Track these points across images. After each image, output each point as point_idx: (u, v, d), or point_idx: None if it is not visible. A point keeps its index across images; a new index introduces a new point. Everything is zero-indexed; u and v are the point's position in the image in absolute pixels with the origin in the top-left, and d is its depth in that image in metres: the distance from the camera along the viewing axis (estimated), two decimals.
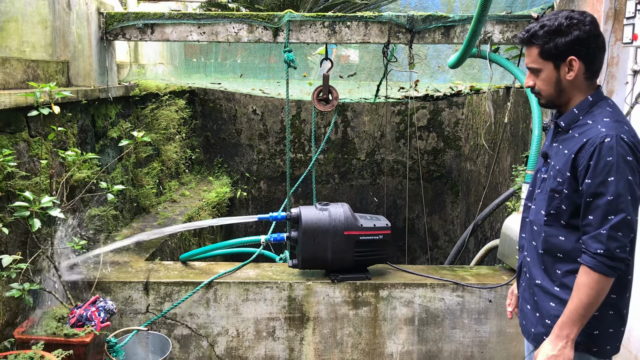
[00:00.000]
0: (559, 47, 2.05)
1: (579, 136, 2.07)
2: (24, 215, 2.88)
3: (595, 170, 1.97)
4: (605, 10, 3.40)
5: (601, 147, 1.97)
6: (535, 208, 2.24)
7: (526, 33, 2.13)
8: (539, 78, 2.15)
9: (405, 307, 3.73)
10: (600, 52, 2.09)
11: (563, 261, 2.13)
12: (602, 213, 1.97)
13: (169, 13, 4.35)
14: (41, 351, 2.90)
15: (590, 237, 1.99)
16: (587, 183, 1.99)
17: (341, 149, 7.91)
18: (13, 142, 3.26)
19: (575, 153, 2.03)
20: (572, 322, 2.02)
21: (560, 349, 2.03)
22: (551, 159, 2.18)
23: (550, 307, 2.15)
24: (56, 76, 4.07)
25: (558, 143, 2.17)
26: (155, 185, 5.66)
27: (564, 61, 2.07)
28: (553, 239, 2.15)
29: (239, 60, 7.72)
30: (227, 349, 3.77)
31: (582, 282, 2.00)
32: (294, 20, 4.25)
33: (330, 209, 3.65)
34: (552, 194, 2.12)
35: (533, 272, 2.23)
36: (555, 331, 2.06)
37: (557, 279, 2.15)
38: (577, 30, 2.03)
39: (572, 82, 2.10)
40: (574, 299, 2.01)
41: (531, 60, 2.14)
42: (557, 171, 2.10)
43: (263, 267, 3.98)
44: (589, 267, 1.98)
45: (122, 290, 3.70)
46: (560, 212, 2.11)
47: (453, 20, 4.25)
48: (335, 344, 3.77)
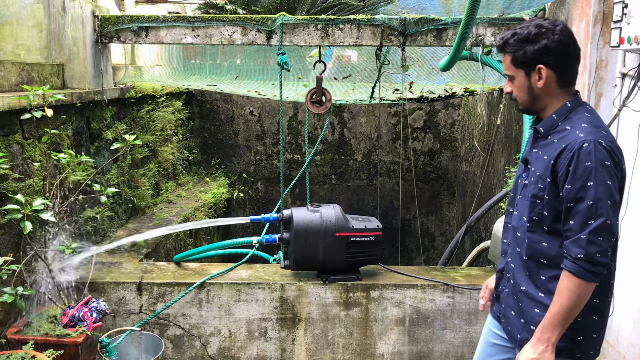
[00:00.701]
0: (528, 55, 2.08)
1: (558, 142, 2.08)
2: (16, 218, 2.91)
3: (575, 175, 1.99)
4: (593, 13, 3.42)
5: (579, 152, 1.98)
6: (518, 214, 2.25)
7: (501, 41, 2.17)
8: (514, 85, 2.18)
9: (396, 308, 3.76)
10: (573, 60, 2.12)
11: (547, 267, 2.14)
12: (582, 218, 1.98)
13: (163, 16, 4.38)
14: (32, 351, 2.93)
15: (571, 242, 2.01)
16: (567, 188, 2.00)
17: (338, 150, 7.95)
18: (6, 144, 3.29)
19: (555, 159, 2.05)
20: (553, 326, 2.03)
21: (540, 353, 2.05)
22: (532, 165, 2.20)
23: (534, 313, 2.16)
24: (51, 79, 4.11)
25: (538, 149, 2.19)
26: (152, 186, 5.69)
27: (533, 69, 2.10)
28: (537, 245, 2.16)
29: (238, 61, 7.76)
30: (219, 349, 3.80)
31: (563, 287, 2.01)
32: (287, 22, 4.28)
33: (321, 211, 3.68)
34: (534, 199, 2.13)
35: (517, 278, 2.24)
36: (536, 335, 2.07)
37: (541, 285, 2.16)
38: (546, 39, 2.05)
39: (544, 90, 2.12)
40: (556, 303, 2.02)
41: (506, 67, 2.18)
42: (538, 177, 2.12)
43: (256, 268, 4.01)
44: (570, 271, 1.99)
45: (115, 291, 3.73)
46: (542, 217, 2.12)
47: (445, 22, 4.27)
48: (326, 345, 3.80)
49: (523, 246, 2.20)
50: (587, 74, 3.48)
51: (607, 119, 3.44)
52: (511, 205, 2.33)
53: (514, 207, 2.29)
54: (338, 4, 5.82)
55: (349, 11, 5.76)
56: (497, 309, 2.42)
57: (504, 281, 2.34)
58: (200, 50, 7.53)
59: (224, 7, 6.20)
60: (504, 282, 2.35)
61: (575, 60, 2.13)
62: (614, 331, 3.51)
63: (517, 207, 2.26)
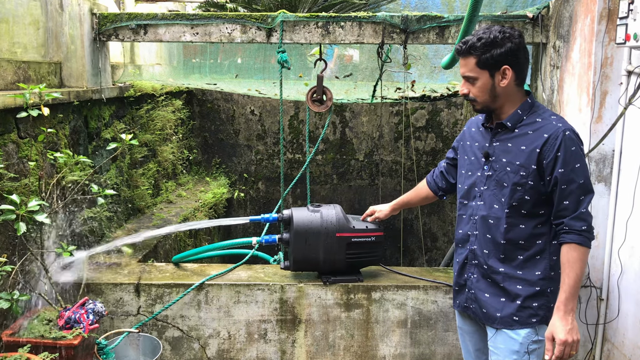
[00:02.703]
0: (495, 57, 2.29)
1: (535, 133, 2.32)
2: (10, 219, 2.86)
3: (565, 159, 2.25)
4: (599, 10, 3.36)
5: (565, 139, 2.26)
6: (485, 204, 2.43)
7: (464, 45, 2.34)
8: (474, 86, 2.37)
9: (398, 310, 3.70)
10: (526, 62, 2.40)
11: (523, 248, 2.39)
12: (576, 196, 2.27)
13: (162, 14, 4.33)
14: (27, 354, 2.89)
15: (571, 219, 2.27)
16: (560, 172, 2.26)
17: (339, 149, 7.89)
18: (1, 143, 3.24)
19: (540, 148, 2.29)
20: (573, 295, 2.26)
21: (571, 322, 2.26)
22: (496, 157, 2.41)
23: (518, 290, 2.39)
24: (48, 77, 4.06)
25: (502, 142, 2.40)
26: (151, 186, 5.64)
27: (498, 70, 2.32)
28: (515, 228, 2.38)
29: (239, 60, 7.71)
30: (218, 352, 3.74)
31: (574, 258, 2.26)
32: (287, 20, 4.23)
33: (322, 211, 3.62)
34: (515, 187, 2.34)
35: (491, 263, 2.44)
36: (561, 308, 2.27)
37: (518, 264, 2.40)
38: (510, 43, 2.29)
39: (505, 89, 2.35)
40: (571, 275, 2.26)
41: (468, 69, 2.36)
42: (519, 166, 2.33)
43: (255, 269, 3.96)
44: (577, 243, 2.26)
45: (113, 292, 3.69)
46: (522, 202, 2.35)
47: (448, 20, 4.21)
48: (327, 347, 3.74)
49: (498, 231, 2.40)
50: (592, 71, 3.42)
51: (612, 118, 3.38)
52: (467, 198, 2.53)
53: (474, 199, 2.48)
54: (340, 2, 5.76)
55: (351, 9, 5.70)
56: (462, 299, 2.60)
57: (469, 268, 2.52)
58: (200, 49, 7.48)
59: (224, 6, 6.15)
60: (469, 269, 2.53)
61: (528, 62, 2.43)
62: (620, 334, 3.45)
63: (481, 197, 2.45)
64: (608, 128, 3.35)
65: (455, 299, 2.66)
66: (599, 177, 3.51)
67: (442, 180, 2.90)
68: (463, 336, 2.76)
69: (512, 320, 2.41)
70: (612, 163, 3.48)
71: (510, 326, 2.41)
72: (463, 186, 2.56)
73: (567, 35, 3.77)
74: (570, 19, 3.71)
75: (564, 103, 3.80)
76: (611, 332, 3.55)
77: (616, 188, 3.47)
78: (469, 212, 2.51)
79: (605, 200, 3.52)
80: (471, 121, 2.67)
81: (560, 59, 3.86)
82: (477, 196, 2.47)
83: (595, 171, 3.50)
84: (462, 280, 2.57)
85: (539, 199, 2.33)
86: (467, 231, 2.52)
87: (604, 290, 3.57)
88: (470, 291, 2.52)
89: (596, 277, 3.59)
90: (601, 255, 3.57)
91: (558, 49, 3.90)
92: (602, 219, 3.52)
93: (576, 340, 2.27)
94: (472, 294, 2.51)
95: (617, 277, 3.44)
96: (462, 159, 2.62)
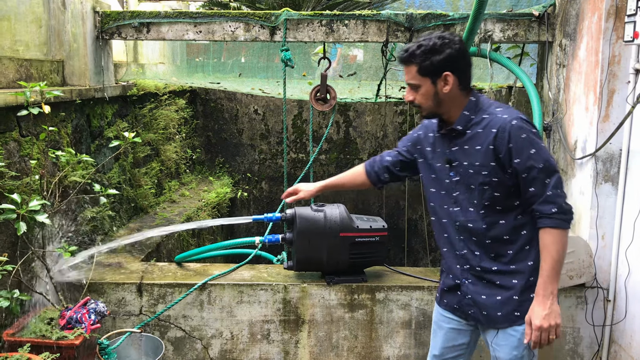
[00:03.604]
0: (435, 64, 2.29)
1: (485, 130, 2.33)
2: (11, 218, 2.84)
3: (518, 149, 2.25)
4: (606, 7, 3.32)
5: (512, 129, 2.25)
6: (462, 209, 2.44)
7: (405, 53, 2.34)
8: (418, 93, 2.37)
9: (402, 310, 3.67)
10: (468, 66, 2.39)
11: (509, 242, 2.39)
12: (540, 181, 2.26)
13: (165, 12, 4.30)
14: (28, 354, 2.86)
15: (540, 204, 2.27)
16: (516, 162, 2.26)
17: (343, 149, 7.85)
18: (3, 142, 3.22)
19: (492, 143, 2.29)
20: (551, 279, 2.27)
21: (549, 306, 2.27)
22: (459, 161, 2.41)
23: (513, 284, 2.40)
24: (50, 75, 4.04)
25: (459, 145, 2.41)
26: (154, 185, 5.62)
27: (439, 77, 2.31)
28: (495, 226, 2.38)
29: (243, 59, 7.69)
30: (221, 352, 3.72)
31: (548, 242, 2.27)
32: (291, 18, 4.19)
33: (325, 210, 3.59)
34: (482, 187, 2.35)
35: (483, 264, 2.43)
36: (539, 293, 2.29)
37: (510, 259, 2.40)
38: (449, 49, 2.28)
39: (449, 95, 2.34)
40: (547, 259, 2.27)
41: (411, 77, 2.36)
42: (479, 166, 2.34)
43: (258, 269, 3.92)
44: (550, 227, 2.26)
45: (115, 292, 3.66)
46: (495, 199, 2.35)
47: (453, 18, 4.18)
48: (330, 347, 3.71)
49: (481, 232, 2.40)
50: (599, 70, 3.38)
51: (620, 116, 3.34)
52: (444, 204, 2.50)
53: (452, 205, 2.47)
54: (344, 0, 5.73)
55: (355, 8, 5.67)
56: (453, 300, 2.58)
57: (462, 274, 2.50)
58: (203, 48, 7.46)
59: (228, 4, 6.13)
60: (462, 274, 2.51)
61: (470, 66, 2.40)
62: (627, 335, 3.41)
63: (456, 203, 2.45)
64: (615, 127, 3.31)
65: (443, 297, 2.65)
66: (606, 177, 3.47)
67: (385, 173, 2.85)
68: (436, 332, 2.75)
69: (515, 317, 2.41)
70: (619, 162, 3.44)
71: (514, 322, 2.41)
72: (438, 191, 2.54)
73: (573, 34, 3.73)
74: (577, 17, 3.67)
75: (570, 102, 3.76)
76: (618, 333, 3.51)
77: (623, 188, 3.43)
78: (449, 218, 2.51)
79: (612, 200, 3.48)
80: (426, 126, 2.64)
81: (567, 57, 3.82)
82: (453, 202, 2.47)
83: (602, 170, 3.46)
84: (453, 282, 2.55)
85: (509, 192, 2.34)
86: (455, 236, 2.50)
87: (610, 291, 3.52)
88: (467, 296, 2.51)
89: (603, 278, 3.55)
90: (608, 256, 3.52)
91: (564, 47, 3.86)
92: (609, 219, 3.48)
93: (554, 325, 2.27)
94: (470, 299, 2.50)
95: (625, 278, 3.40)
96: (426, 166, 2.60)
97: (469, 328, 2.63)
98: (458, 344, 2.67)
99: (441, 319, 2.70)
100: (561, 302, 3.63)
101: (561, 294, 3.61)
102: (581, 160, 3.60)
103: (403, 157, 2.77)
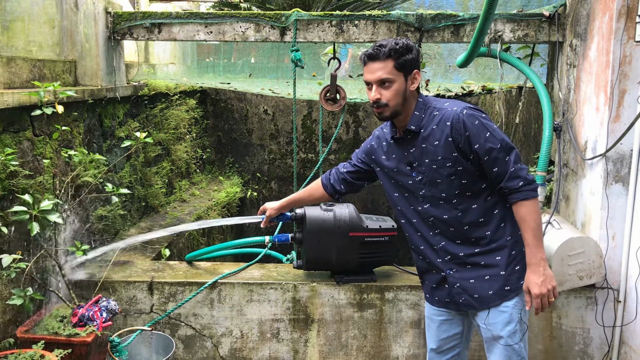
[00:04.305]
0: (409, 61, 2.43)
1: (439, 125, 2.44)
2: (24, 219, 2.87)
3: (474, 135, 2.38)
4: (617, 8, 3.31)
5: (464, 118, 2.39)
6: (432, 204, 2.53)
7: (382, 48, 2.42)
8: (389, 90, 2.44)
9: (412, 310, 3.67)
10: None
11: (485, 224, 2.49)
12: (501, 159, 2.38)
13: (176, 13, 4.33)
14: (41, 350, 2.90)
15: (506, 181, 2.39)
16: (476, 147, 2.38)
17: (352, 149, 7.86)
18: (16, 141, 3.26)
19: (450, 135, 2.41)
20: (537, 247, 2.39)
21: (542, 273, 2.40)
22: (419, 161, 2.51)
23: (497, 260, 2.50)
24: (63, 76, 4.08)
25: (417, 146, 2.51)
26: (165, 184, 5.66)
27: (410, 74, 2.46)
28: (469, 211, 2.49)
29: (253, 60, 7.71)
30: (231, 350, 3.74)
31: (524, 213, 2.39)
32: (301, 19, 4.21)
33: (335, 210, 3.60)
34: (449, 178, 2.45)
35: (465, 251, 2.53)
36: (530, 262, 2.42)
37: (488, 240, 2.50)
38: (415, 50, 2.46)
39: (412, 93, 2.50)
40: (527, 229, 2.39)
41: (386, 72, 2.42)
42: (442, 160, 2.44)
43: (268, 268, 3.94)
44: (520, 200, 2.39)
45: (126, 290, 3.69)
46: (463, 186, 2.46)
47: (463, 18, 4.18)
48: (340, 347, 3.72)
49: (456, 221, 2.50)
50: (610, 70, 3.37)
51: (631, 117, 3.33)
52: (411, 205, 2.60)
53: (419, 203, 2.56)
54: (354, 1, 5.74)
55: (364, 8, 5.68)
56: (442, 295, 2.65)
57: (445, 265, 2.58)
58: (214, 49, 7.50)
59: (238, 5, 6.16)
60: (445, 265, 2.58)
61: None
62: (637, 336, 3.40)
63: (424, 200, 2.54)
64: (626, 127, 3.30)
65: (434, 295, 2.71)
66: (617, 177, 3.46)
67: (341, 184, 2.97)
68: (430, 326, 2.83)
69: (506, 291, 2.51)
70: (630, 163, 3.43)
71: (505, 297, 2.51)
72: (402, 194, 2.63)
73: (584, 34, 3.72)
74: (588, 17, 3.66)
75: (580, 102, 3.75)
76: (628, 334, 3.49)
77: (634, 188, 3.42)
78: (419, 217, 2.59)
79: (623, 200, 3.47)
80: (378, 137, 2.75)
81: (577, 57, 3.81)
82: (420, 201, 2.56)
83: (613, 171, 3.45)
84: (439, 276, 2.63)
85: (475, 176, 2.45)
86: (429, 232, 2.59)
87: (621, 292, 3.51)
88: (455, 285, 2.58)
89: (613, 279, 3.53)
90: (618, 256, 3.51)
91: (575, 47, 3.85)
92: (620, 220, 3.47)
93: (551, 288, 2.40)
94: (459, 287, 2.57)
95: (635, 278, 3.39)
96: (384, 173, 2.70)
97: (460, 317, 2.73)
98: (452, 334, 2.76)
99: (432, 312, 2.79)
100: (571, 303, 3.62)
101: (571, 295, 3.61)
102: (591, 160, 3.59)
103: (358, 168, 2.89)
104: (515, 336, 2.52)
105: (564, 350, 3.68)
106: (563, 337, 3.68)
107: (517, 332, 2.53)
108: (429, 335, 2.86)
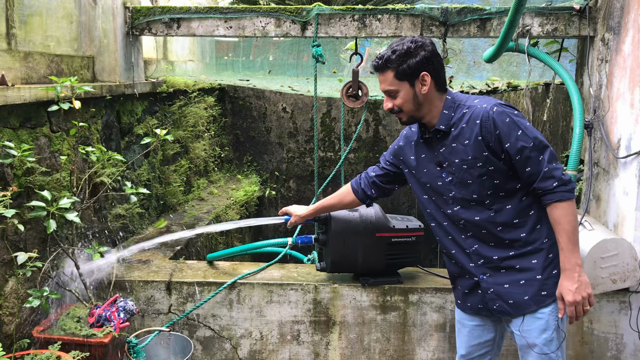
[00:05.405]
0: (411, 66, 2.34)
1: (469, 124, 2.36)
2: (41, 216, 2.80)
3: (505, 133, 2.28)
4: None
5: (494, 116, 2.30)
6: (463, 206, 2.44)
7: (380, 60, 2.38)
8: (397, 98, 2.41)
9: (436, 313, 3.56)
10: (442, 67, 2.43)
11: (520, 225, 2.39)
12: (534, 159, 2.28)
13: (195, 7, 4.25)
14: (58, 351, 2.83)
15: (540, 181, 2.29)
16: (507, 147, 2.29)
17: (372, 147, 7.75)
18: (33, 137, 3.20)
19: (480, 134, 2.32)
20: (571, 251, 2.28)
21: (577, 279, 2.28)
22: (449, 161, 2.43)
23: (533, 264, 2.40)
24: (81, 71, 4.02)
25: (446, 146, 2.43)
26: (183, 183, 5.59)
27: (417, 78, 2.37)
28: (502, 212, 2.39)
29: (271, 58, 7.63)
30: (250, 352, 3.65)
31: (558, 216, 2.28)
32: (322, 13, 4.11)
33: (360, 210, 3.49)
34: (480, 178, 2.36)
35: (499, 254, 2.43)
36: (565, 267, 2.30)
37: (523, 242, 2.39)
38: (423, 51, 2.35)
39: (426, 96, 2.40)
40: (562, 233, 2.28)
41: (388, 83, 2.40)
42: (473, 160, 2.35)
43: (288, 268, 3.85)
44: (555, 201, 2.28)
45: (144, 290, 3.62)
46: (496, 186, 2.37)
47: (490, 12, 4.05)
48: (362, 350, 3.62)
49: (489, 222, 2.41)
50: None
51: None
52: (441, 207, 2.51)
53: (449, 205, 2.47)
54: None
55: (387, 2, 5.56)
56: (475, 301, 2.55)
57: (478, 269, 2.48)
58: (233, 46, 7.43)
59: (257, 1, 6.08)
60: (478, 270, 2.48)
61: (443, 67, 2.45)
62: None
63: (454, 202, 2.46)
64: None
65: (466, 302, 2.61)
66: None
67: (372, 189, 2.90)
68: (460, 330, 2.73)
69: (542, 297, 2.40)
70: None
71: (542, 303, 2.40)
72: (431, 197, 2.56)
73: (617, 27, 3.57)
74: (622, 10, 3.51)
75: (613, 99, 3.61)
76: None
77: None
78: (449, 219, 2.51)
79: None
80: (406, 136, 2.68)
81: (610, 52, 3.67)
82: (450, 203, 2.48)
83: None
84: (471, 281, 2.53)
85: (508, 176, 2.36)
86: (461, 235, 2.50)
87: None
88: (489, 291, 2.48)
89: None
90: None
91: (607, 41, 3.70)
92: None
93: (586, 296, 2.29)
94: (492, 292, 2.47)
95: None
96: (413, 175, 2.63)
97: (493, 322, 2.62)
98: (484, 341, 2.65)
99: (464, 317, 2.68)
100: (603, 307, 3.49)
101: (603, 298, 3.47)
102: (625, 159, 3.44)
103: (387, 171, 2.82)
104: (551, 344, 2.41)
105: (595, 357, 3.54)
106: (595, 343, 3.54)
107: (554, 340, 2.41)
108: (459, 341, 2.75)
